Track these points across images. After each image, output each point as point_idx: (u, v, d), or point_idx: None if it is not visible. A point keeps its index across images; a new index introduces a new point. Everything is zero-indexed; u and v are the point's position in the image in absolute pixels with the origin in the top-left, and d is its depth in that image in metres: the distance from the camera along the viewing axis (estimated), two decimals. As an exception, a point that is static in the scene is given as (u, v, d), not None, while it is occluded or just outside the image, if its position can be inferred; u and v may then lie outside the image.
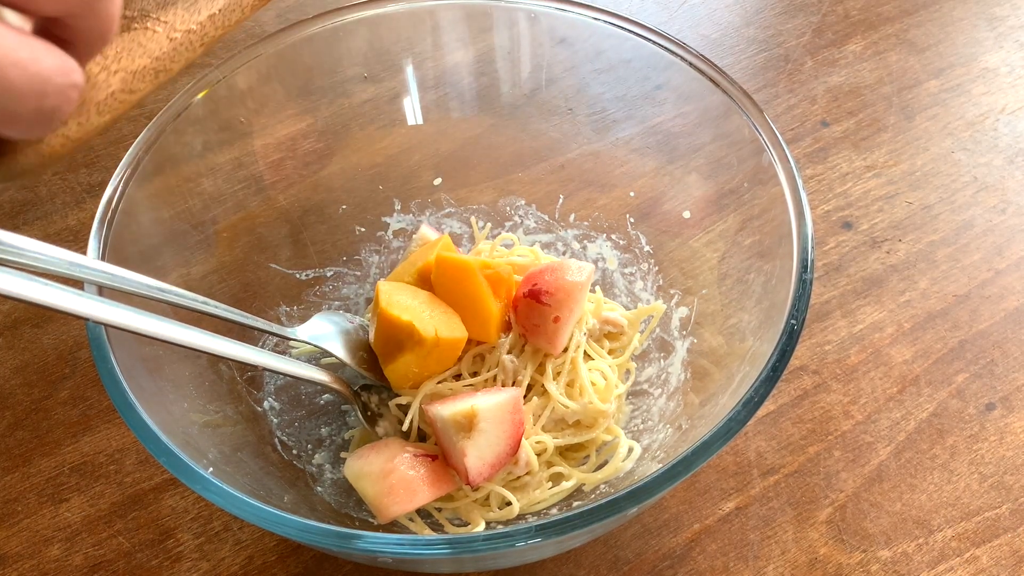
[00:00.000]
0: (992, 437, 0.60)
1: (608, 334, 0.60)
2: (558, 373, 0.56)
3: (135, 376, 0.42)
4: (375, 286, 0.54)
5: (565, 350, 0.56)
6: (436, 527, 0.53)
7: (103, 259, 0.46)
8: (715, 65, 0.55)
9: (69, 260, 0.37)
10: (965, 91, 0.82)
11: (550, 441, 0.54)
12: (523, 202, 0.68)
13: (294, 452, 0.55)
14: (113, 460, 0.59)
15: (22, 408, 0.62)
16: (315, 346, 0.54)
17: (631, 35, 0.58)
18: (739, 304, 0.53)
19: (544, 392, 0.55)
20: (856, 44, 0.86)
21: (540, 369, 0.56)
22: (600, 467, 0.54)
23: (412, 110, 0.66)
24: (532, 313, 0.54)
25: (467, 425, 0.48)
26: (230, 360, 0.46)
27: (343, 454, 0.55)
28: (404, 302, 0.52)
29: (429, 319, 0.52)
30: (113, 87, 0.32)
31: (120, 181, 0.49)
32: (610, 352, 0.60)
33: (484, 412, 0.49)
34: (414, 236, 0.65)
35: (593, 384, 0.56)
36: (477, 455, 0.49)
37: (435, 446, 0.52)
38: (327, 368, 0.54)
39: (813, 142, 0.78)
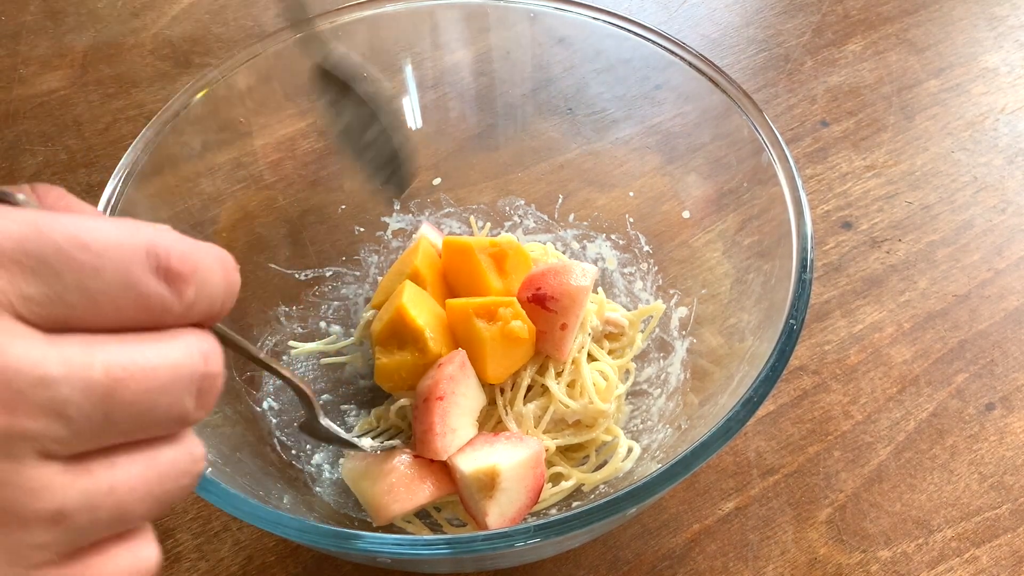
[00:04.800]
0: (992, 437, 0.59)
1: (608, 335, 0.60)
2: (559, 373, 0.56)
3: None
4: (403, 282, 0.54)
5: (566, 351, 0.56)
6: (435, 528, 0.53)
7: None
8: (715, 65, 0.55)
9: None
10: (965, 91, 0.82)
11: (550, 442, 0.54)
12: (522, 202, 0.68)
13: (293, 452, 0.55)
14: (112, 460, 0.59)
15: (21, 408, 0.61)
16: (314, 347, 0.54)
17: (630, 35, 0.58)
18: (738, 304, 0.53)
19: (544, 392, 0.55)
20: (856, 44, 0.86)
21: (541, 370, 0.56)
22: (599, 467, 0.54)
23: (411, 110, 0.66)
24: (537, 319, 0.54)
25: (489, 484, 0.47)
26: (227, 360, 0.46)
27: (341, 460, 0.55)
28: (423, 310, 0.53)
29: (440, 337, 0.53)
30: None
31: (119, 181, 0.49)
32: (610, 352, 0.59)
33: (507, 472, 0.47)
34: (414, 236, 0.65)
35: (594, 384, 0.56)
36: (499, 513, 0.48)
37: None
38: (325, 368, 0.54)
39: (813, 142, 0.78)
